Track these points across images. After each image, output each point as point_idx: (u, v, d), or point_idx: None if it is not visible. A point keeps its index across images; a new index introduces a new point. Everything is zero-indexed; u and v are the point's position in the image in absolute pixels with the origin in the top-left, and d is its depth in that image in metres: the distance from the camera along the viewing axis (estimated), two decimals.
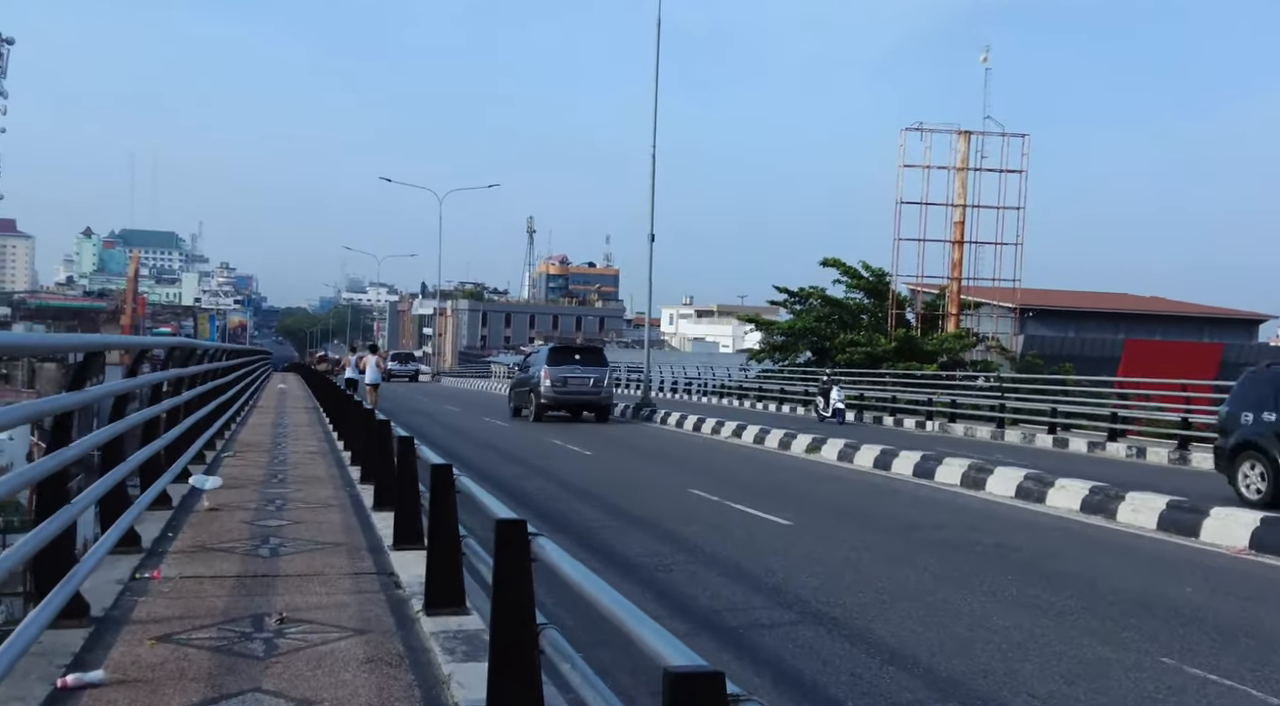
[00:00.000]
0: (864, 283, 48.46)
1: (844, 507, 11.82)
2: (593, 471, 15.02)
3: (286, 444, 15.27)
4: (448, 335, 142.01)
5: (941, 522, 10.73)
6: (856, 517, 10.99)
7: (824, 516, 11.06)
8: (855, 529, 10.26)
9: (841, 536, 9.74)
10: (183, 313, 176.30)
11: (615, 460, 16.86)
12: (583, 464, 16.07)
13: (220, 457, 12.88)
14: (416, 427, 21.45)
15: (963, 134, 47.24)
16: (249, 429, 17.96)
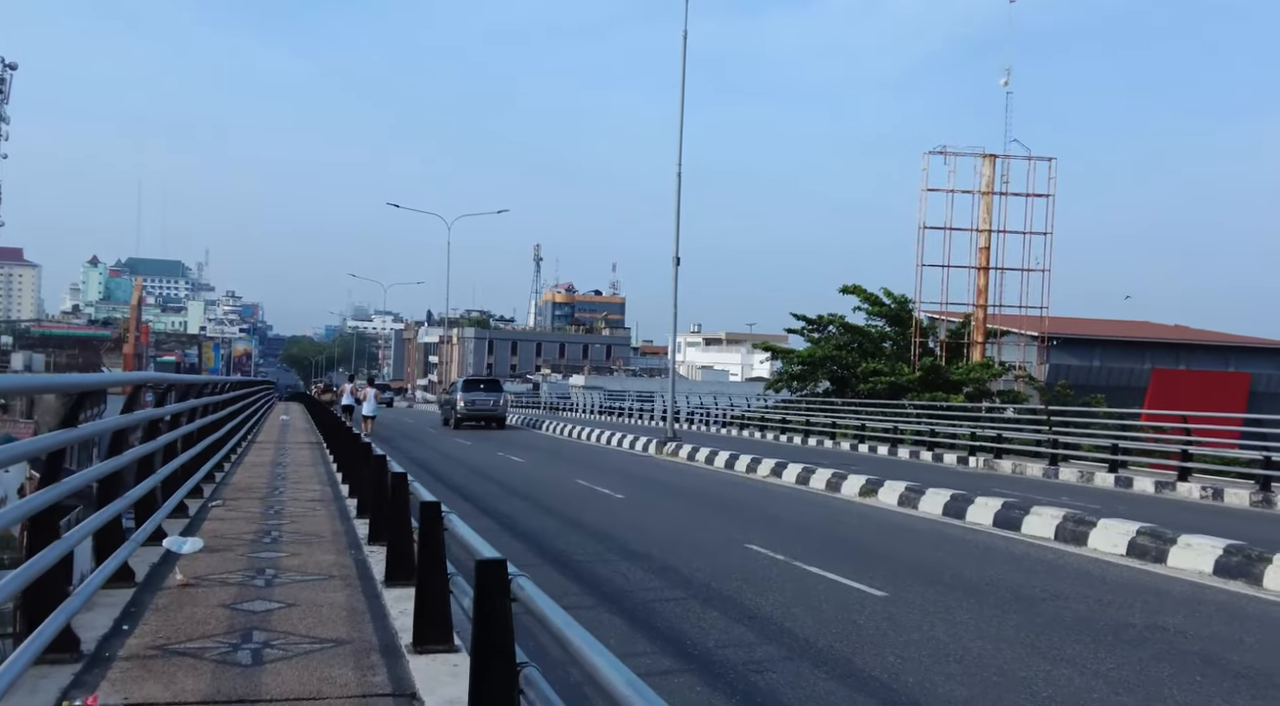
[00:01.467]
0: (886, 310, 46.90)
1: (934, 569, 10.07)
2: (630, 518, 13.30)
3: (285, 488, 13.56)
4: (453, 363, 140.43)
5: (1060, 592, 8.98)
6: (957, 585, 9.24)
7: (917, 583, 9.31)
8: (964, 602, 8.51)
9: (955, 614, 7.99)
10: (188, 341, 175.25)
11: (652, 505, 15.13)
12: (617, 510, 14.36)
13: (207, 507, 11.17)
14: (422, 463, 19.83)
15: (987, 157, 45.80)
16: (245, 468, 16.25)
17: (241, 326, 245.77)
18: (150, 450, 8.33)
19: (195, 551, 7.92)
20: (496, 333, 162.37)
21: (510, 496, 15.73)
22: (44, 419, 61.70)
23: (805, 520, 13.71)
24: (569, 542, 11.27)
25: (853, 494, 16.43)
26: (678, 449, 24.57)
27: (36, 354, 73.80)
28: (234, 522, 10.11)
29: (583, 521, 12.94)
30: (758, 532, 11.97)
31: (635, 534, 11.77)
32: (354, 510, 11.28)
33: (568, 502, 15.16)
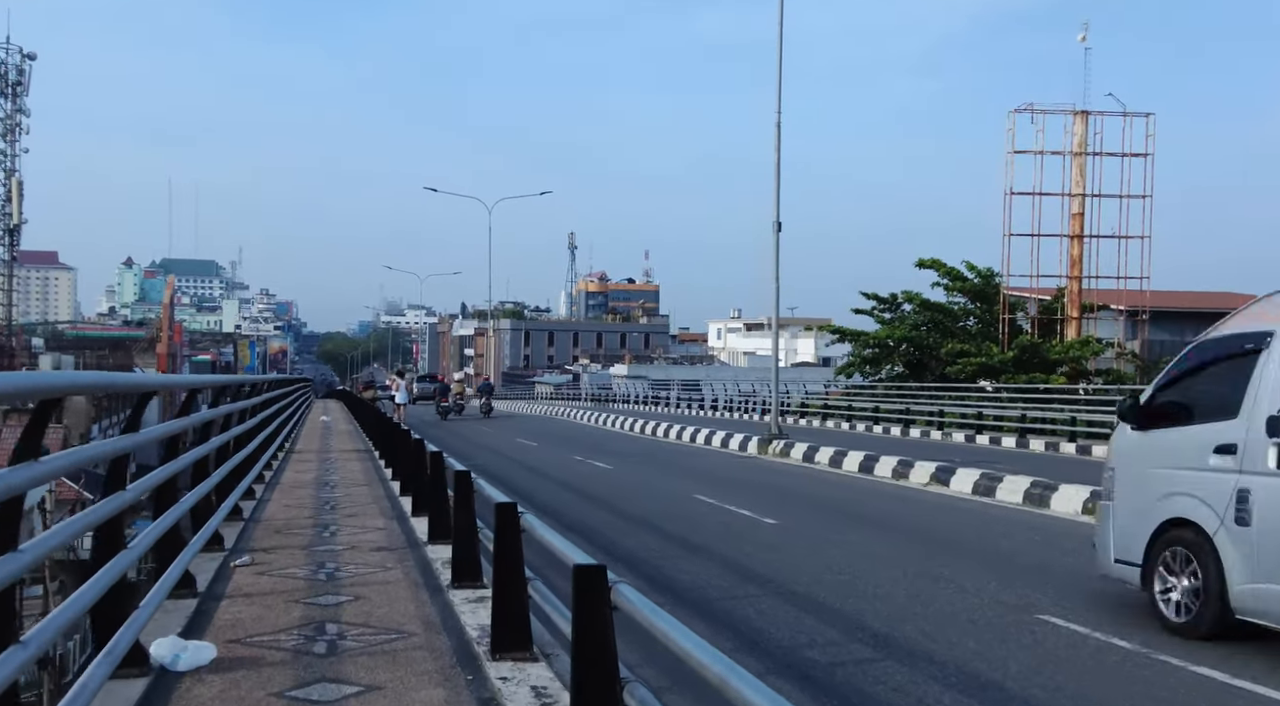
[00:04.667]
0: (969, 285, 43.04)
1: None
2: (801, 558, 9.76)
3: (335, 524, 10.12)
4: (489, 356, 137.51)
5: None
6: None
7: None
8: None
9: None
10: (223, 340, 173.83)
11: (824, 538, 11.52)
12: (775, 539, 10.82)
13: (228, 568, 7.74)
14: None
15: (1079, 115, 41.70)
16: (282, 492, 12.86)
17: (276, 324, 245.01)
18: (120, 505, 4.92)
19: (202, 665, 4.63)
20: (532, 323, 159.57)
21: (636, 528, 12.07)
22: (74, 422, 59.23)
23: (1043, 554, 10.06)
24: (750, 609, 7.71)
25: (1070, 509, 12.52)
26: (788, 448, 20.93)
27: (66, 355, 71.38)
28: (265, 602, 6.66)
29: (751, 570, 9.34)
30: (1048, 595, 8.29)
31: (867, 603, 8.14)
32: (439, 563, 7.82)
33: (704, 532, 11.61)
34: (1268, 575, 6.51)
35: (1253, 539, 6.64)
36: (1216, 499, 6.96)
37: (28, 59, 65.39)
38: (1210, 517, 6.97)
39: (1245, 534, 6.70)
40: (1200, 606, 6.96)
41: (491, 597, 5.32)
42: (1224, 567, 6.81)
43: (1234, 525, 6.81)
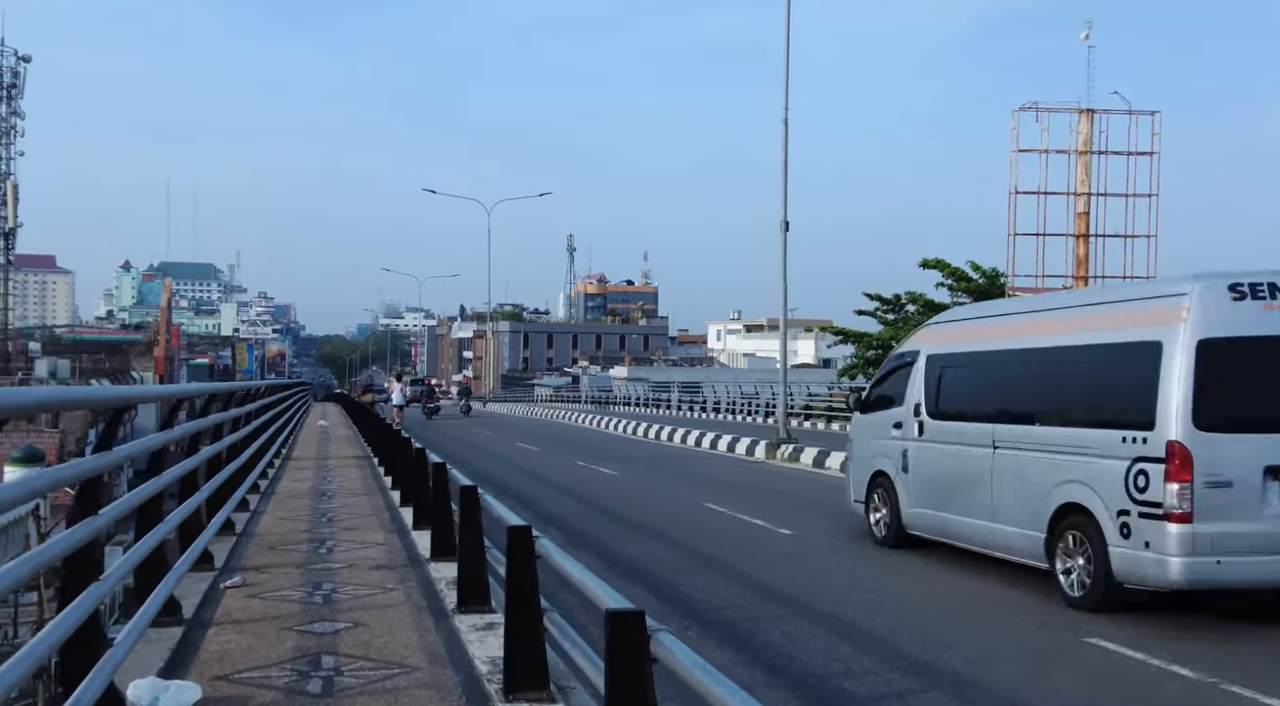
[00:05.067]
0: (973, 285, 42.51)
1: None
2: (823, 573, 9.28)
3: (333, 539, 9.63)
4: (488, 358, 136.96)
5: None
6: None
7: None
8: None
9: None
10: (220, 343, 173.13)
11: (833, 544, 10.99)
12: (792, 552, 10.34)
13: (218, 589, 7.27)
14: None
15: (1084, 113, 41.13)
16: (278, 503, 12.37)
17: (274, 327, 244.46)
18: (92, 533, 4.44)
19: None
20: (531, 325, 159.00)
21: (646, 539, 11.57)
22: (71, 429, 58.68)
23: None
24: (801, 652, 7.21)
25: None
26: (796, 453, 20.43)
27: (62, 360, 70.79)
28: (256, 630, 6.17)
29: (771, 587, 8.85)
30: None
31: (900, 625, 7.66)
32: (443, 583, 7.33)
33: (717, 544, 11.13)
34: (919, 502, 10.54)
35: (910, 481, 10.71)
36: (894, 456, 10.98)
37: (22, 61, 64.86)
38: (892, 468, 10.99)
39: (907, 478, 10.76)
40: (889, 525, 11.02)
41: (504, 631, 4.84)
42: (899, 500, 10.81)
43: (902, 472, 10.83)
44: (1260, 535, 7.54)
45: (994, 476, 9.35)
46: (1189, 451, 7.58)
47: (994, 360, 9.89)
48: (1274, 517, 7.55)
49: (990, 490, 9.35)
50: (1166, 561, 7.49)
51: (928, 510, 10.34)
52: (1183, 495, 7.54)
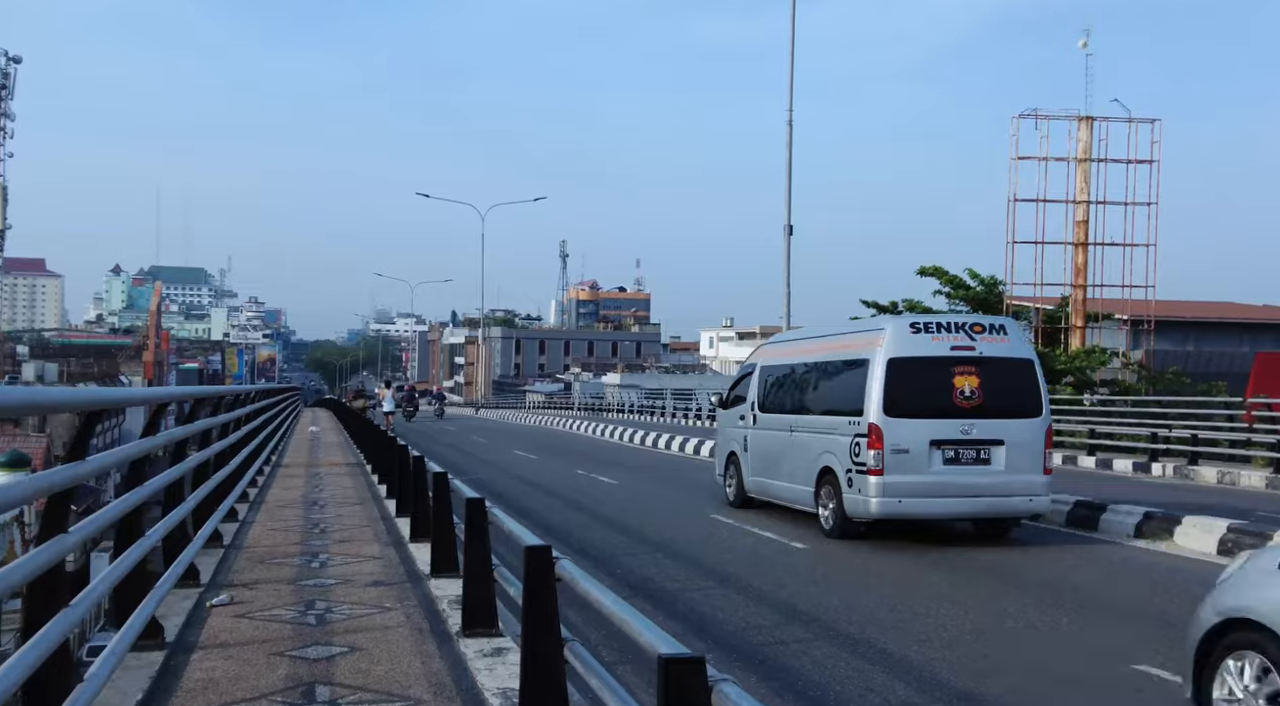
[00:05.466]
0: (971, 293, 42.17)
1: None
2: (847, 592, 8.81)
3: (326, 552, 9.12)
4: (480, 364, 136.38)
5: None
6: None
7: None
8: None
9: None
10: (210, 348, 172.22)
11: (853, 559, 10.53)
12: (810, 567, 9.87)
13: (204, 607, 6.76)
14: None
15: (1083, 120, 40.89)
16: (268, 513, 11.86)
17: (265, 332, 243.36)
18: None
19: None
20: (523, 332, 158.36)
21: (656, 553, 11.02)
22: (58, 432, 57.98)
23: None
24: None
25: (1206, 548, 10.73)
26: None
27: (50, 363, 70.06)
28: (244, 656, 5.68)
29: (792, 606, 8.38)
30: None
31: (936, 651, 7.19)
32: (445, 602, 6.85)
33: (729, 559, 10.66)
34: (754, 473, 14.13)
35: (748, 457, 14.32)
36: (740, 440, 14.65)
37: (12, 62, 64.22)
38: (739, 449, 14.63)
39: (746, 455, 14.36)
40: (737, 491, 14.62)
41: (521, 664, 4.35)
42: (743, 472, 14.44)
43: (744, 451, 14.48)
44: (926, 484, 11.29)
45: (791, 451, 13.14)
46: (881, 429, 11.27)
47: (792, 370, 13.82)
48: (935, 473, 11.30)
49: (789, 461, 13.15)
50: (869, 501, 11.27)
51: (758, 478, 14.18)
52: (878, 458, 11.22)
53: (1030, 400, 11.67)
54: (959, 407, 11.41)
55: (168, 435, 6.53)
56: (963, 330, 11.89)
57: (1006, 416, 11.46)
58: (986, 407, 11.43)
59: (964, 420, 11.37)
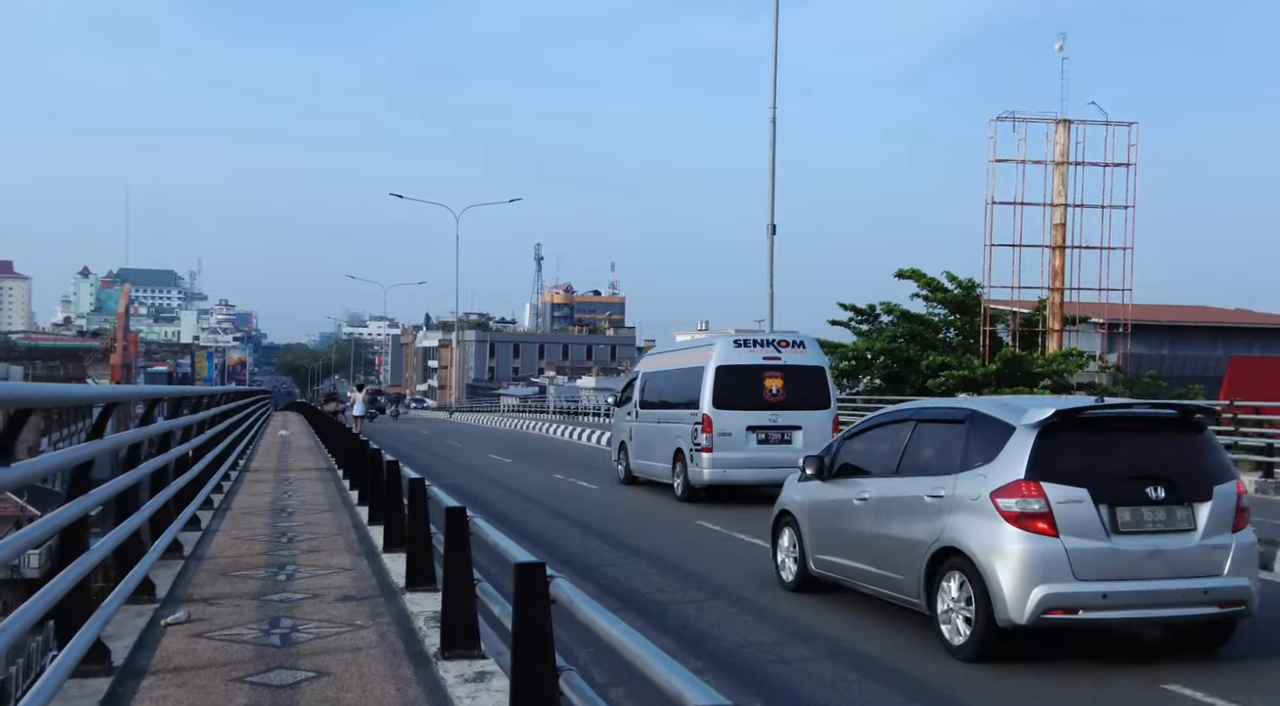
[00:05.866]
0: (949, 296, 42.00)
1: None
2: (842, 605, 8.34)
3: (293, 565, 8.57)
4: (453, 367, 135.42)
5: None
6: None
7: None
8: None
9: None
10: (179, 350, 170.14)
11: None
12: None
13: (155, 633, 6.22)
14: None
15: (1061, 123, 40.93)
16: (233, 519, 11.29)
17: (235, 335, 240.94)
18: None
19: None
20: (498, 335, 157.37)
21: (642, 563, 10.61)
22: (23, 436, 56.55)
23: None
24: None
25: None
26: None
27: (15, 366, 68.63)
28: (200, 682, 5.16)
29: (792, 620, 7.91)
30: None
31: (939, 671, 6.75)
32: (421, 619, 6.34)
33: (718, 568, 10.20)
34: (639, 456, 17.58)
35: (633, 445, 17.89)
36: (627, 431, 18.17)
37: None
38: (628, 439, 18.10)
39: (632, 444, 17.93)
40: (625, 474, 18.23)
41: (510, 698, 3.87)
42: (629, 458, 18.00)
43: (630, 440, 18.01)
44: (744, 459, 14.77)
45: (659, 438, 16.69)
46: (711, 419, 14.87)
47: (660, 376, 17.49)
48: (750, 450, 14.79)
49: (657, 446, 16.71)
50: (704, 472, 14.90)
51: (640, 461, 17.75)
52: (709, 439, 14.84)
53: (822, 397, 15.28)
54: (768, 402, 14.90)
55: (115, 439, 6.00)
56: (772, 345, 15.58)
57: (804, 409, 14.94)
58: (788, 402, 14.91)
59: (771, 411, 14.89)
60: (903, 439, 7.80)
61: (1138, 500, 6.61)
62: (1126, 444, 6.96)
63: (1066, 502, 6.47)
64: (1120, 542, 6.47)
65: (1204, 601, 6.62)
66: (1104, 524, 6.47)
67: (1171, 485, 6.69)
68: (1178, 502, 6.67)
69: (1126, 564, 6.47)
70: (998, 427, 6.95)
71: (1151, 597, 6.55)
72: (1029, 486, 6.51)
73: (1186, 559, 6.59)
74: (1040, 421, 6.72)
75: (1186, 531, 6.64)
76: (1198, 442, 7.06)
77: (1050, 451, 6.63)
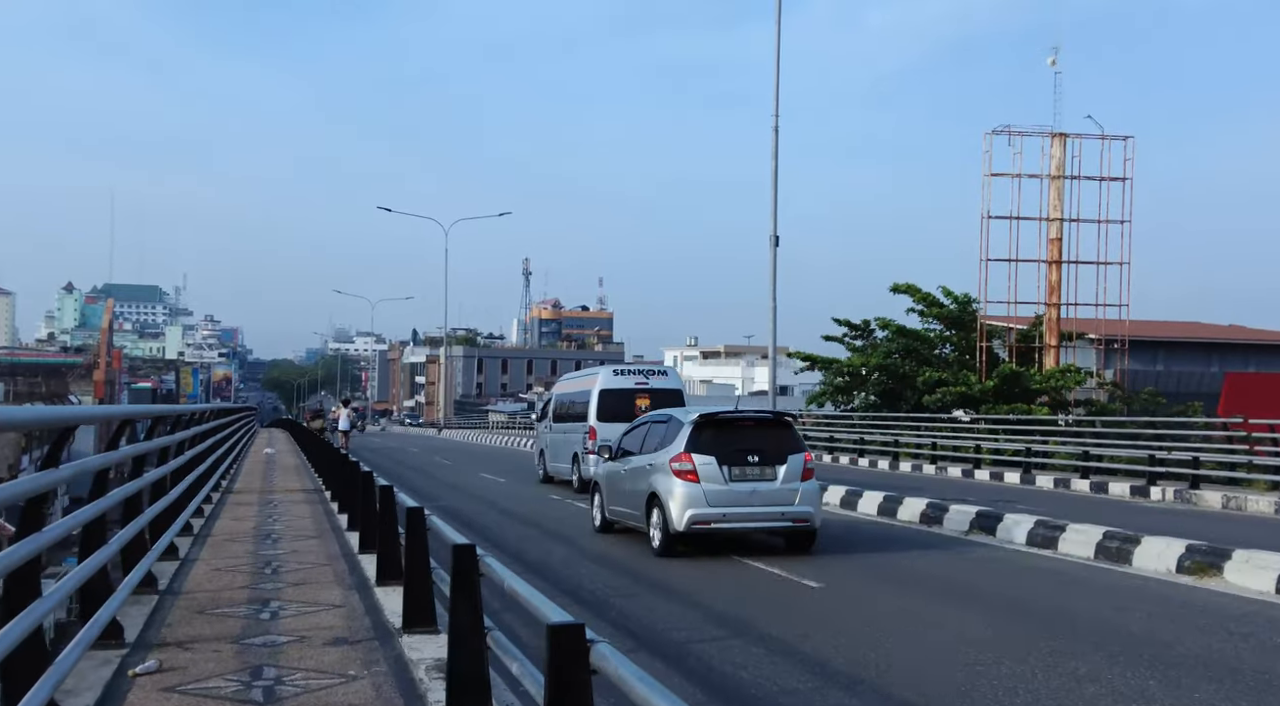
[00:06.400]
0: (945, 311, 41.55)
1: None
2: (883, 640, 7.69)
3: (278, 602, 7.86)
4: (441, 383, 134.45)
5: None
6: None
7: None
8: None
9: None
10: (164, 366, 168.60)
11: (877, 598, 9.41)
12: (830, 611, 8.76)
13: (121, 685, 5.53)
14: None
15: (1056, 137, 40.60)
16: (213, 548, 10.57)
17: (221, 351, 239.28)
18: None
19: None
20: (486, 350, 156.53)
21: (654, 595, 9.98)
22: (3, 454, 55.53)
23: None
24: None
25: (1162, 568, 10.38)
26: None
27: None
28: None
29: (825, 662, 7.25)
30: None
31: None
32: (423, 667, 5.65)
33: (739, 601, 9.53)
34: (552, 460, 22.77)
35: (548, 451, 23.17)
36: (545, 441, 23.43)
37: None
38: (546, 446, 23.26)
39: (547, 450, 23.14)
40: (544, 475, 23.34)
41: None
42: (546, 461, 23.34)
43: (547, 448, 23.22)
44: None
45: (563, 446, 21.26)
46: (596, 429, 19.09)
47: (565, 396, 22.43)
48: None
49: (562, 451, 21.16)
50: (590, 470, 17.32)
51: (552, 463, 22.52)
52: (594, 445, 18.76)
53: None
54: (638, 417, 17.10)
55: (77, 465, 5.32)
56: (642, 373, 21.35)
57: None
58: None
59: None
60: (644, 433, 12.97)
61: (743, 462, 11.56)
62: (740, 432, 11.94)
63: (704, 464, 11.42)
64: (733, 486, 11.47)
65: (783, 519, 11.63)
66: (724, 475, 11.46)
67: (763, 454, 11.63)
68: (767, 464, 11.61)
69: (736, 497, 11.47)
70: (677, 425, 12.05)
71: (752, 516, 11.59)
72: (684, 456, 11.48)
73: (772, 495, 11.53)
74: (693, 421, 11.80)
75: (771, 480, 11.59)
76: (783, 432, 12.12)
77: (697, 437, 11.58)
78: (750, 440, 11.76)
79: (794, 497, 11.47)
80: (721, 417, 11.98)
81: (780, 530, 11.84)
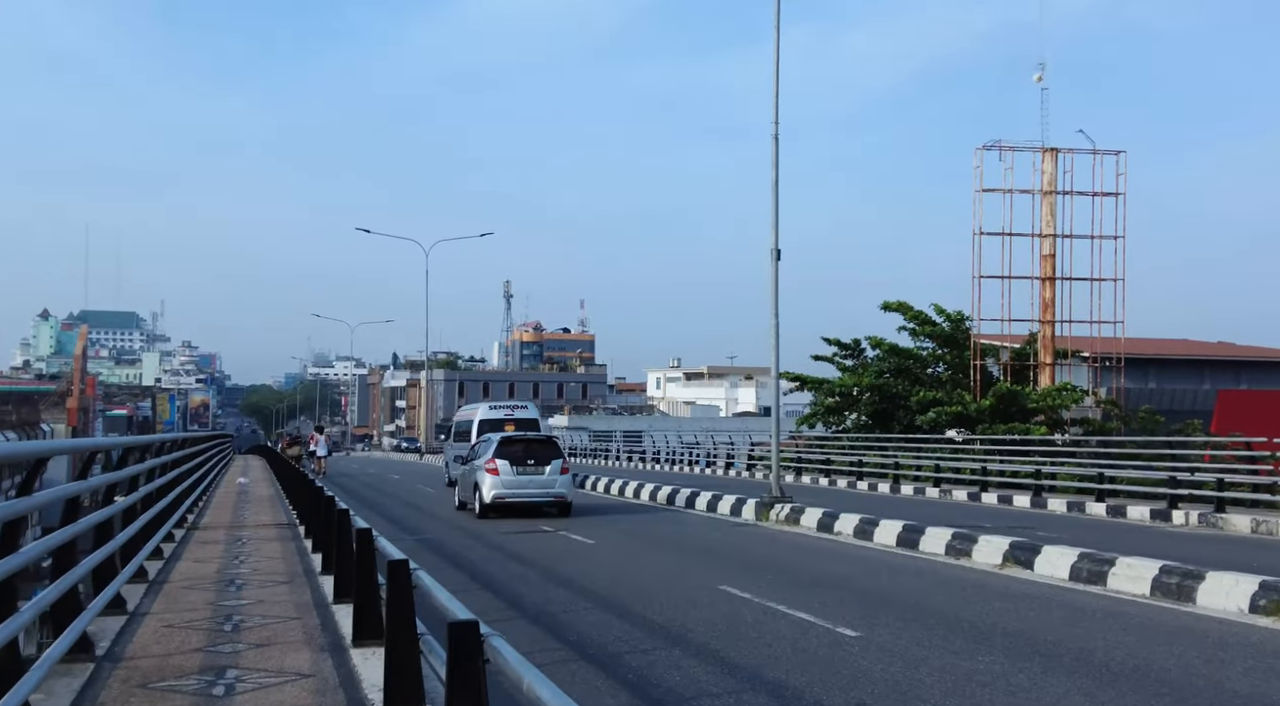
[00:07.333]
0: (937, 329, 40.75)
1: None
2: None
3: (236, 670, 6.67)
4: (422, 407, 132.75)
5: None
6: None
7: None
8: None
9: None
10: (140, 393, 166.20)
11: (927, 655, 8.32)
12: (879, 671, 7.65)
13: None
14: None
15: (1048, 152, 39.95)
16: (168, 598, 9.37)
17: (199, 377, 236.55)
18: None
19: None
20: (467, 374, 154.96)
21: (669, 648, 8.75)
22: None
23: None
24: None
25: (1138, 591, 9.44)
26: (795, 515, 17.74)
27: None
28: None
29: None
30: None
31: None
32: None
33: (769, 657, 8.40)
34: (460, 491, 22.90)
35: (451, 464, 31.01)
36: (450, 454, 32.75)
37: None
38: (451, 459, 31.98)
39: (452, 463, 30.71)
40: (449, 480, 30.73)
41: None
42: (449, 472, 31.27)
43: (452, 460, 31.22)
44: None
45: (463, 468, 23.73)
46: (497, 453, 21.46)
47: (460, 422, 32.80)
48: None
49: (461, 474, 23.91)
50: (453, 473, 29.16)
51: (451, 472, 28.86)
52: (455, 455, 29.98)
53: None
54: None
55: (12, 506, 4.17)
56: (510, 407, 31.12)
57: None
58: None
59: None
60: (478, 447, 21.39)
61: (525, 464, 19.69)
62: (526, 446, 20.13)
63: (502, 465, 19.55)
64: (520, 477, 19.60)
65: (549, 497, 19.95)
66: (514, 471, 19.56)
67: (538, 459, 19.86)
68: (541, 464, 19.85)
69: (521, 483, 19.64)
70: (489, 443, 20.58)
71: (530, 495, 19.76)
72: (491, 460, 19.68)
73: (543, 483, 19.83)
74: (498, 439, 20.51)
75: (543, 474, 19.81)
76: (551, 445, 20.62)
77: (500, 449, 19.82)
78: (531, 451, 20.01)
79: (555, 484, 19.91)
80: (514, 438, 20.91)
81: (548, 502, 19.97)
